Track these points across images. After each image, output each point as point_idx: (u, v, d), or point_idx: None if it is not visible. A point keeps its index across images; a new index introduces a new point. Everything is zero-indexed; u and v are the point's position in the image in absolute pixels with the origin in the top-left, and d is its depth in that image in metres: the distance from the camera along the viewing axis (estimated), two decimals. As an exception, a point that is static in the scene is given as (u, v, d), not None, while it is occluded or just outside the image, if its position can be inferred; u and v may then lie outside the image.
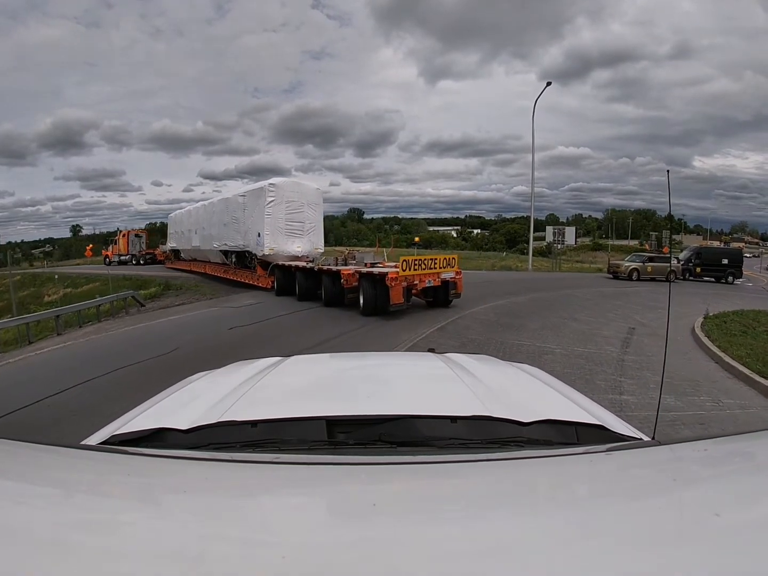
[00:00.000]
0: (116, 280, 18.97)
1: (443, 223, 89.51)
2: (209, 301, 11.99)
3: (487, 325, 7.66)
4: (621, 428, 0.90)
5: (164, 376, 2.33)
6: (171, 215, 21.99)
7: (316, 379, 1.29)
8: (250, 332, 7.38)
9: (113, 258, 27.60)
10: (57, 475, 0.66)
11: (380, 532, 0.47)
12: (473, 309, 8.92)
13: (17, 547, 0.42)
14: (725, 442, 0.76)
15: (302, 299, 10.33)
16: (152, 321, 9.52)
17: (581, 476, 0.65)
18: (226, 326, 7.89)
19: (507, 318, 8.24)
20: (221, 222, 14.57)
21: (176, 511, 0.55)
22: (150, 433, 0.84)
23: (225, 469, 0.66)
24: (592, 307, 9.90)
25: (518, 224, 72.44)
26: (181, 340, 7.13)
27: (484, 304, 9.45)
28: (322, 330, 7.35)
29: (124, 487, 0.62)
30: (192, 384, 1.24)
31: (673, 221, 57.56)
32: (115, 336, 8.36)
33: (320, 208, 13.17)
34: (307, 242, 12.41)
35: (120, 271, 21.33)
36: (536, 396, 1.09)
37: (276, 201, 11.83)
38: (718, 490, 0.57)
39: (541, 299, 10.79)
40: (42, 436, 3.18)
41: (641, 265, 18.00)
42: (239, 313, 9.36)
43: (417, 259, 8.68)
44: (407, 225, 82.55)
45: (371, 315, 8.27)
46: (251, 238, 12.57)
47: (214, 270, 15.96)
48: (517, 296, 11.03)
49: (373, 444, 0.79)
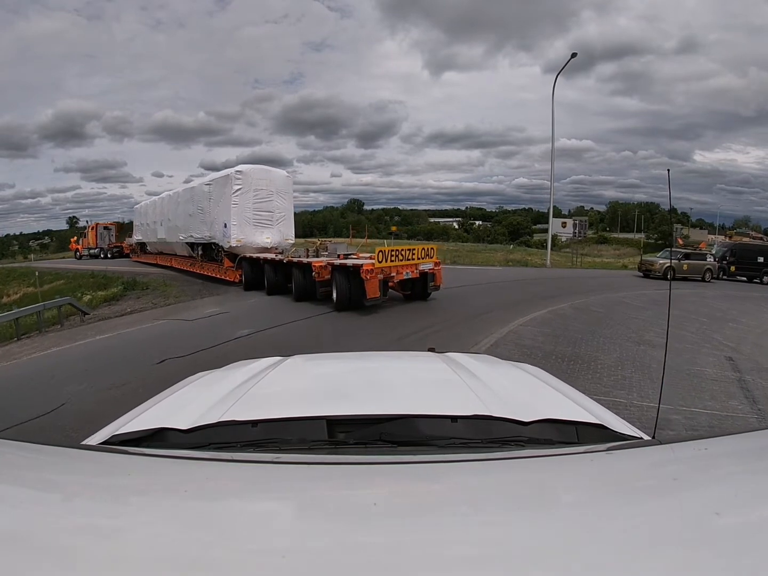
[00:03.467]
0: (82, 277, 17.27)
1: (443, 214, 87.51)
2: (166, 309, 9.61)
3: (542, 357, 5.23)
4: (621, 427, 0.90)
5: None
6: (136, 206, 21.12)
7: (317, 378, 1.29)
8: (182, 367, 4.93)
9: (83, 252, 25.97)
10: (57, 475, 0.65)
11: (381, 532, 0.47)
12: (512, 325, 6.53)
13: (17, 548, 0.42)
14: (726, 442, 0.74)
15: (271, 293, 9.77)
16: (67, 344, 7.01)
17: (582, 475, 0.64)
18: (161, 355, 5.48)
19: (563, 343, 5.85)
20: (187, 213, 13.64)
21: (177, 511, 0.53)
22: (151, 433, 0.83)
23: (226, 468, 0.66)
24: (654, 321, 7.67)
25: (521, 216, 70.63)
26: (78, 386, 4.68)
27: (521, 317, 7.08)
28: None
29: (125, 487, 0.61)
30: (192, 384, 1.23)
31: (675, 215, 55.80)
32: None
33: (290, 197, 12.43)
34: (276, 233, 11.63)
35: (87, 266, 20.04)
36: (537, 395, 1.07)
37: (243, 189, 11.08)
38: (719, 489, 0.57)
39: (588, 308, 8.42)
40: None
41: (677, 263, 15.98)
42: (191, 331, 6.98)
43: (394, 249, 8.04)
44: (407, 216, 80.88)
45: (345, 310, 7.59)
46: (217, 229, 11.71)
47: (181, 263, 15.20)
48: (555, 302, 8.66)
49: (374, 444, 0.79)
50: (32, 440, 0.72)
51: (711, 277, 16.64)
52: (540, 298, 9.28)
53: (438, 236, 55.38)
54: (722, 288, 14.27)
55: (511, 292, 10.30)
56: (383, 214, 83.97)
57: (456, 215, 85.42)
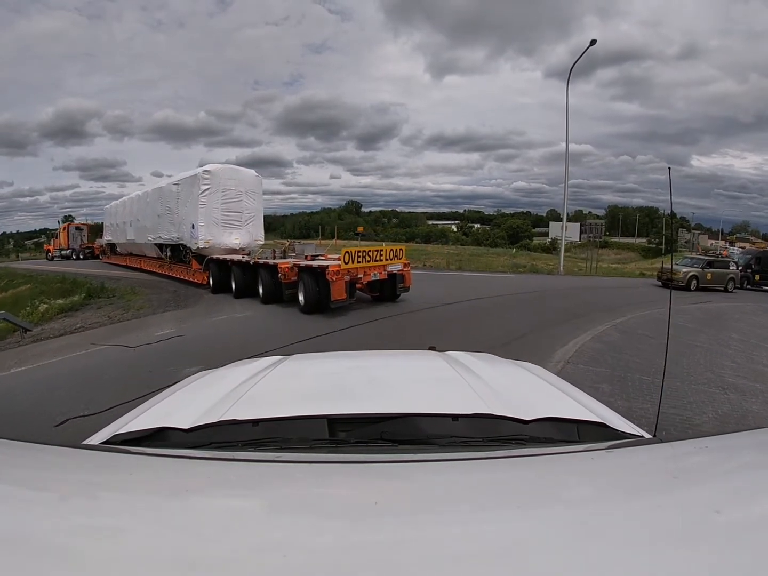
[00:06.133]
0: (51, 281, 15.76)
1: (441, 217, 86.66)
2: (117, 326, 7.90)
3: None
4: (622, 426, 0.89)
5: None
6: (106, 207, 20.36)
7: (318, 377, 1.25)
8: (87, 433, 3.25)
9: (54, 253, 24.61)
10: (59, 474, 0.65)
11: (382, 530, 0.47)
12: (557, 361, 4.85)
13: (17, 548, 0.42)
14: (726, 440, 0.74)
15: (239, 296, 9.47)
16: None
17: (583, 474, 0.63)
18: (69, 408, 3.82)
19: (635, 395, 4.17)
20: (155, 213, 13.16)
21: (178, 510, 0.53)
22: (152, 432, 0.83)
23: (227, 468, 0.66)
24: (717, 349, 6.18)
25: (520, 219, 69.71)
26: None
27: (561, 347, 5.44)
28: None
29: (126, 486, 0.61)
30: (193, 383, 1.23)
31: (676, 220, 55.23)
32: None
33: (260, 197, 11.98)
34: (245, 234, 11.27)
35: (58, 267, 19.05)
36: (538, 394, 1.07)
37: (211, 189, 10.71)
38: (719, 487, 0.56)
39: (634, 332, 6.76)
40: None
41: (700, 272, 14.65)
42: (125, 365, 5.27)
43: (360, 250, 7.94)
44: (406, 218, 79.78)
45: (313, 313, 7.51)
46: (185, 230, 11.24)
47: (150, 265, 14.89)
48: (593, 323, 7.06)
49: (375, 442, 0.78)
50: (33, 440, 0.71)
51: (734, 286, 15.39)
52: (573, 317, 7.70)
53: (437, 239, 54.25)
54: (754, 299, 12.91)
55: (535, 307, 8.80)
56: (381, 216, 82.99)
57: (454, 218, 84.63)
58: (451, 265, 20.92)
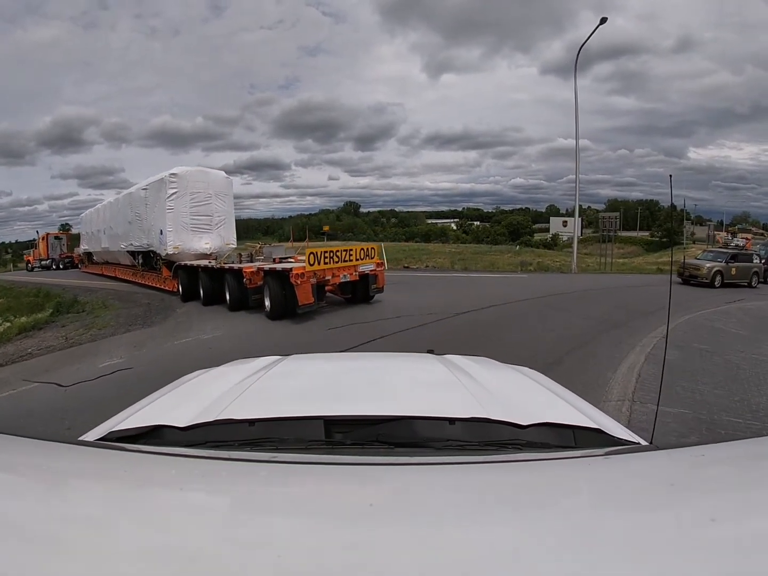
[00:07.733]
0: (26, 294, 14.55)
1: (441, 215, 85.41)
2: (67, 352, 6.66)
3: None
4: (619, 432, 0.89)
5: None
6: (82, 215, 19.97)
7: (315, 378, 1.27)
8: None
9: (35, 263, 23.99)
10: (54, 470, 0.65)
11: (377, 532, 0.46)
12: (620, 408, 3.62)
13: (12, 542, 0.42)
14: (723, 448, 0.73)
15: (207, 303, 8.99)
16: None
17: (579, 480, 0.63)
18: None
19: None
20: (126, 219, 12.76)
21: (172, 507, 0.53)
22: (148, 430, 0.84)
23: (222, 467, 0.66)
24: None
25: (520, 216, 68.64)
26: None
27: (609, 372, 4.20)
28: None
29: (121, 483, 0.61)
30: (190, 382, 1.23)
31: (677, 214, 54.35)
32: None
33: (230, 199, 11.55)
34: (216, 238, 10.78)
35: (37, 279, 18.19)
36: (535, 399, 1.07)
37: (179, 193, 10.30)
38: (715, 496, 0.56)
39: (689, 345, 5.50)
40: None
41: (725, 266, 13.41)
42: (46, 414, 4.02)
43: (327, 251, 7.50)
44: (405, 218, 78.74)
45: (280, 319, 7.13)
46: (154, 236, 10.80)
47: (125, 273, 14.55)
48: (635, 335, 5.83)
49: (371, 444, 0.78)
50: (29, 435, 0.72)
51: (758, 281, 14.16)
52: (611, 326, 6.52)
53: (436, 237, 53.19)
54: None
55: (563, 315, 7.58)
56: (380, 216, 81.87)
57: (453, 216, 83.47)
58: (456, 265, 19.69)
